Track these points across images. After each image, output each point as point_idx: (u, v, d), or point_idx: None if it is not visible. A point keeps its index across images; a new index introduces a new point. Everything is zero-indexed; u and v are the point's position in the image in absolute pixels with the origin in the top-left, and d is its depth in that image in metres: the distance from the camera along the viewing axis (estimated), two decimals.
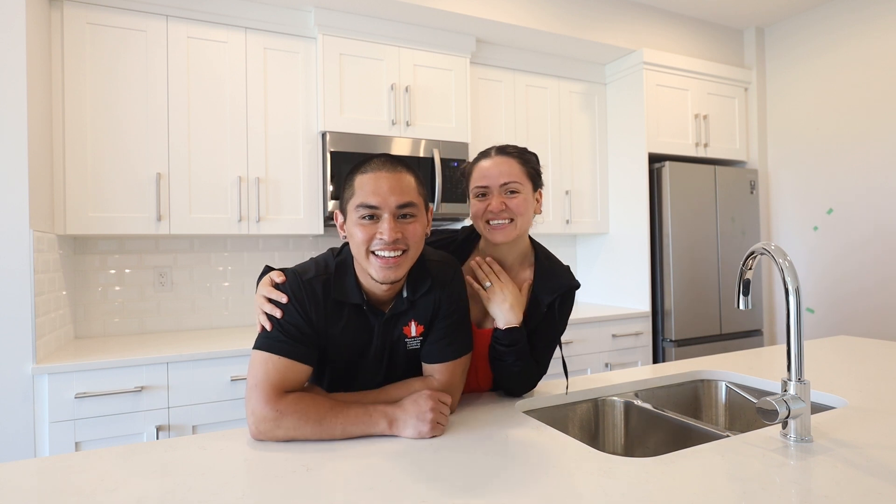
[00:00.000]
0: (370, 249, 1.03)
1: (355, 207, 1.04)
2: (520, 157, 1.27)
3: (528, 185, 1.26)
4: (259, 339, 1.05)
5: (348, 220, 1.07)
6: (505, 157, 1.27)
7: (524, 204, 1.24)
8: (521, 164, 1.26)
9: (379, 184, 1.03)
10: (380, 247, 1.03)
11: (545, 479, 0.84)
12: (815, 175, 3.37)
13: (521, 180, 1.25)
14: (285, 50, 2.54)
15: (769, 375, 1.47)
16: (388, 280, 1.05)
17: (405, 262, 1.06)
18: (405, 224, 1.05)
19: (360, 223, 1.03)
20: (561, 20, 2.97)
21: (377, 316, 1.11)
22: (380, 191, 1.02)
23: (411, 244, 1.05)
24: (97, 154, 2.20)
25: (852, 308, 3.20)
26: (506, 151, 1.28)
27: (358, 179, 1.05)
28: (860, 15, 3.16)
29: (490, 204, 1.23)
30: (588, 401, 1.37)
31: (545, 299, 1.24)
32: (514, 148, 1.29)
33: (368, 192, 1.03)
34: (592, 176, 3.38)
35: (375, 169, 1.05)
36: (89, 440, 1.89)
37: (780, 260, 0.99)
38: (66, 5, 2.16)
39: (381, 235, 1.02)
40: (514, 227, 1.24)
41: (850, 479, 0.81)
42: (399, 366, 1.17)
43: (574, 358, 2.88)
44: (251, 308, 2.73)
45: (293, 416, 0.99)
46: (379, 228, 1.03)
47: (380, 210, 1.03)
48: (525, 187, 1.25)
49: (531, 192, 1.27)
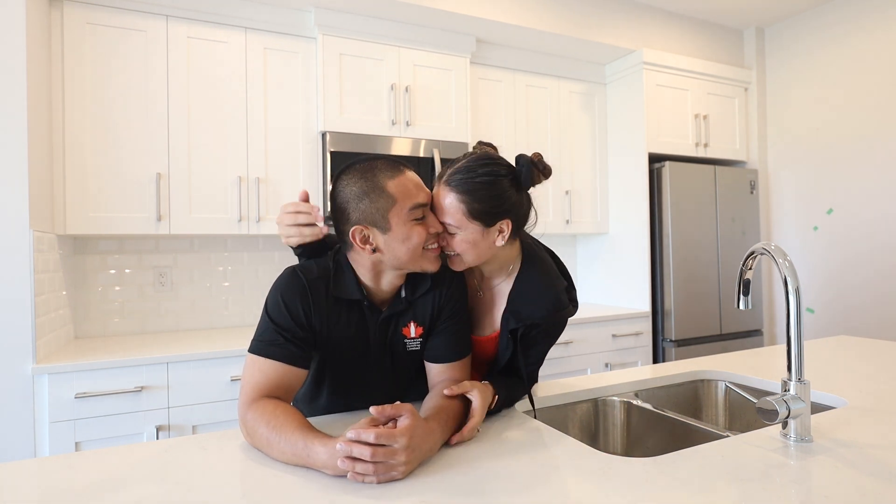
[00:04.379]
0: (426, 246, 1.06)
1: (409, 210, 1.02)
2: (463, 192, 1.04)
3: (472, 226, 1.05)
4: (252, 342, 1.05)
5: (396, 226, 1.02)
6: (445, 190, 1.06)
7: (462, 244, 1.08)
8: (460, 201, 1.04)
9: (416, 182, 1.05)
10: (432, 240, 1.07)
11: (545, 480, 0.84)
12: (815, 175, 3.37)
13: (458, 221, 1.05)
14: (285, 50, 2.54)
15: (769, 375, 1.47)
16: (437, 268, 1.09)
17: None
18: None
19: (418, 224, 1.04)
20: (561, 20, 2.97)
21: (375, 314, 1.11)
22: (421, 188, 1.05)
23: None
24: (97, 154, 2.20)
25: (852, 308, 3.20)
26: (450, 182, 1.06)
27: (392, 184, 1.02)
28: (860, 15, 3.16)
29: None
30: (588, 401, 1.37)
31: (510, 324, 1.12)
32: (461, 176, 1.05)
33: (414, 192, 1.03)
34: (592, 176, 3.38)
35: (401, 170, 1.05)
36: (89, 440, 1.89)
37: (780, 260, 0.99)
38: (66, 5, 2.16)
39: (434, 229, 1.06)
40: (462, 261, 1.10)
41: (850, 479, 0.81)
42: (403, 367, 1.16)
43: (574, 358, 2.88)
44: (251, 308, 2.74)
45: (255, 426, 0.95)
46: (430, 223, 1.05)
47: (426, 206, 1.06)
48: (467, 228, 1.06)
49: (480, 230, 1.06)
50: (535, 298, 1.11)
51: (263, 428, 0.93)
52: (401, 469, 0.83)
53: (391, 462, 0.82)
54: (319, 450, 0.85)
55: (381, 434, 0.82)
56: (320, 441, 0.86)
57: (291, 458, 0.89)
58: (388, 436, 0.82)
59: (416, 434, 0.86)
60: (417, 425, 0.87)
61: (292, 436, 0.89)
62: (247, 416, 0.97)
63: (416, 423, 0.88)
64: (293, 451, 0.88)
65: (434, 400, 1.05)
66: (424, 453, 0.89)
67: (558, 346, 2.75)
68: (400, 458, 0.83)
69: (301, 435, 0.89)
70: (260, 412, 0.95)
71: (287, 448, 0.89)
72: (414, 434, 0.86)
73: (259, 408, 0.96)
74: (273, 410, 0.95)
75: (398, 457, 0.83)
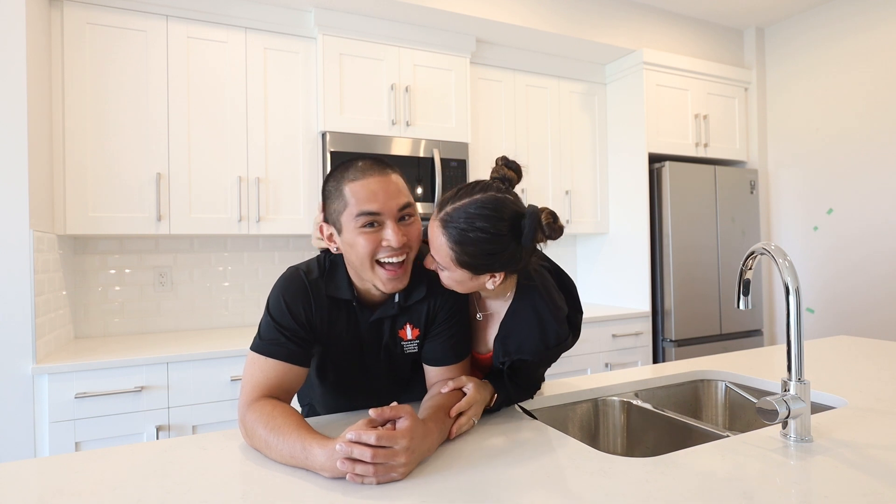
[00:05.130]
0: (376, 259, 1.00)
1: (355, 217, 0.98)
2: (454, 234, 0.95)
3: (459, 270, 0.99)
4: (254, 340, 1.06)
5: (346, 231, 1.00)
6: (438, 230, 0.98)
7: (448, 281, 1.03)
8: (450, 247, 0.96)
9: (373, 188, 0.98)
10: (387, 254, 0.99)
11: (545, 480, 0.84)
12: (815, 175, 3.37)
13: (446, 264, 0.99)
14: (285, 50, 2.54)
15: (769, 375, 1.47)
16: (396, 290, 1.03)
17: (409, 267, 1.04)
18: (406, 226, 1.02)
19: (362, 232, 0.98)
20: (561, 20, 2.96)
21: (365, 315, 1.10)
22: (378, 196, 0.97)
23: (413, 246, 1.04)
24: (97, 154, 2.20)
25: (852, 308, 3.20)
26: (445, 223, 0.96)
27: (349, 188, 0.99)
28: (860, 15, 3.15)
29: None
30: (588, 401, 1.37)
31: (499, 357, 1.08)
32: (458, 225, 0.95)
33: (365, 199, 0.97)
34: (592, 176, 3.38)
35: (366, 174, 0.99)
36: (89, 440, 1.89)
37: (780, 260, 0.99)
38: (66, 5, 2.16)
39: (388, 242, 0.98)
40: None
41: (850, 479, 0.81)
42: (402, 369, 1.16)
43: (574, 358, 2.88)
44: (251, 308, 2.74)
45: (254, 428, 0.95)
46: (384, 235, 0.98)
47: (382, 216, 0.98)
48: (454, 271, 0.99)
49: (468, 275, 0.99)
50: (527, 333, 1.05)
51: (262, 429, 0.93)
52: (400, 470, 0.83)
53: (391, 463, 0.82)
54: (317, 452, 0.85)
55: (382, 436, 0.82)
56: (318, 443, 0.86)
57: (289, 460, 0.89)
58: (389, 437, 0.82)
59: (416, 435, 0.86)
60: (416, 427, 0.88)
61: (290, 437, 0.89)
62: (246, 416, 0.97)
63: (416, 424, 0.88)
64: (291, 452, 0.88)
65: (431, 400, 1.05)
66: (423, 454, 0.89)
67: None
68: (400, 459, 0.83)
69: (299, 437, 0.89)
70: (258, 413, 0.96)
71: (285, 450, 0.89)
72: (414, 435, 0.86)
73: (258, 409, 0.97)
74: (271, 412, 0.95)
75: (398, 458, 0.82)
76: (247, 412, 0.98)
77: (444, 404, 1.02)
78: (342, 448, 0.82)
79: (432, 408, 1.00)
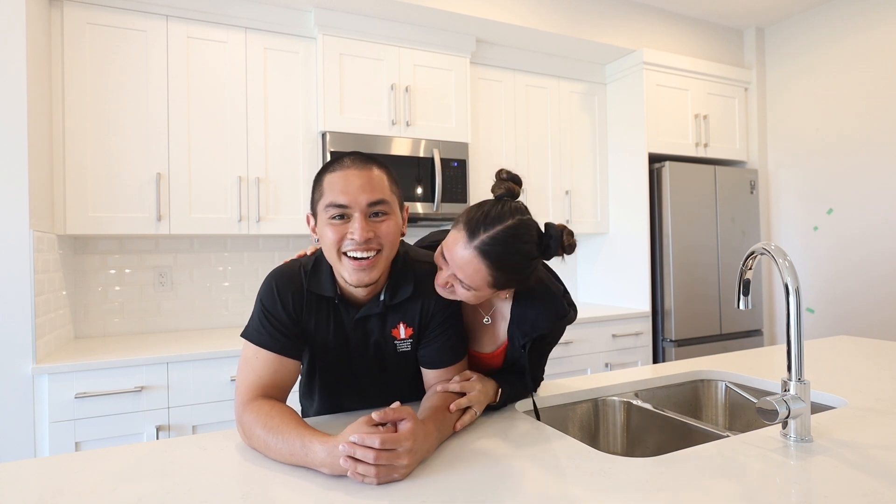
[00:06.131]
0: (342, 251, 1.00)
1: (325, 207, 1.00)
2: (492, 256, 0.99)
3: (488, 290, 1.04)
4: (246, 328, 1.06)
5: (319, 221, 1.03)
6: (476, 257, 1.00)
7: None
8: (488, 267, 1.00)
9: (348, 182, 0.98)
10: (351, 247, 0.99)
11: (545, 480, 0.84)
12: (815, 175, 3.37)
13: (479, 287, 1.03)
14: (285, 50, 2.54)
15: (769, 375, 1.47)
16: (361, 283, 1.01)
17: (379, 263, 1.02)
18: (377, 223, 1.00)
19: (330, 223, 0.99)
20: (561, 20, 2.97)
21: (350, 312, 1.10)
22: (349, 189, 0.98)
23: (385, 244, 1.02)
24: (97, 154, 2.20)
25: (852, 308, 3.20)
26: (484, 252, 0.99)
27: (327, 179, 1.01)
28: (860, 15, 3.15)
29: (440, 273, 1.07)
30: (588, 401, 1.37)
31: (518, 340, 1.14)
32: (498, 249, 0.99)
33: (338, 190, 0.98)
34: (592, 176, 3.38)
35: (344, 167, 1.01)
36: (89, 440, 1.89)
37: (780, 260, 0.99)
38: (66, 5, 2.16)
39: (351, 235, 0.98)
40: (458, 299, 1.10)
41: (850, 479, 0.81)
42: (395, 369, 1.15)
43: (574, 358, 2.88)
44: (251, 308, 2.74)
45: (252, 428, 0.95)
46: (350, 228, 0.98)
47: (350, 209, 0.98)
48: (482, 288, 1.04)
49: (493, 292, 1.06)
50: (537, 311, 1.11)
51: (260, 430, 0.93)
52: (402, 471, 0.84)
53: (394, 465, 0.82)
54: (318, 448, 0.85)
55: (387, 440, 0.82)
56: (319, 440, 0.87)
57: (289, 458, 0.89)
58: (393, 440, 0.83)
59: (418, 437, 0.87)
60: (418, 428, 0.88)
61: (289, 436, 0.89)
62: (243, 417, 0.97)
63: (417, 426, 0.88)
64: (290, 450, 0.88)
65: (430, 400, 1.05)
66: (423, 455, 0.89)
67: (559, 346, 2.75)
68: (403, 461, 0.83)
69: (298, 434, 0.89)
70: (256, 413, 0.96)
71: (284, 448, 0.89)
72: (416, 437, 0.86)
73: (255, 409, 0.97)
74: (269, 412, 0.95)
75: (401, 460, 0.83)
76: (244, 413, 0.98)
77: (443, 405, 1.03)
78: (345, 448, 0.82)
79: (431, 408, 1.01)
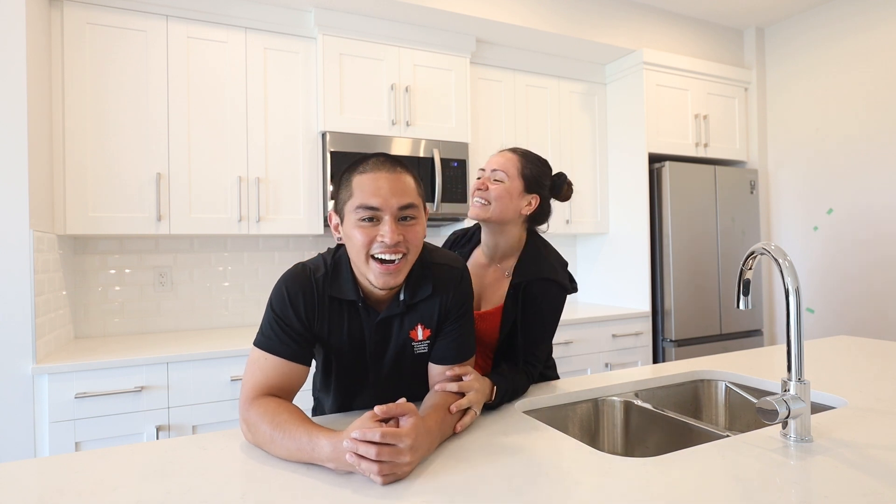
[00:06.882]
0: (370, 253, 1.00)
1: (354, 209, 0.99)
2: (523, 157, 1.37)
3: (516, 181, 1.34)
4: (256, 335, 1.06)
5: (346, 222, 1.03)
6: (509, 151, 1.38)
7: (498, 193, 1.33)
8: (519, 162, 1.36)
9: (379, 184, 0.99)
10: (380, 250, 0.99)
11: (545, 480, 0.84)
12: (815, 175, 3.37)
13: (510, 172, 1.34)
14: (285, 50, 2.54)
15: (769, 375, 1.47)
16: (387, 286, 1.02)
17: (405, 267, 1.03)
18: (406, 226, 1.01)
19: (360, 225, 0.99)
20: (561, 20, 2.97)
21: (371, 315, 1.10)
22: (380, 191, 0.99)
23: (411, 247, 1.02)
24: (97, 154, 2.20)
25: (852, 308, 3.20)
26: (515, 149, 1.38)
27: (356, 179, 1.01)
28: (860, 15, 3.15)
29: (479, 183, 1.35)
30: (588, 401, 1.37)
31: (514, 279, 1.28)
32: (524, 150, 1.38)
33: (368, 192, 0.99)
34: (592, 176, 3.38)
35: (375, 169, 1.01)
36: (89, 440, 1.89)
37: (780, 260, 0.99)
38: (66, 5, 2.16)
39: (382, 238, 0.98)
40: (488, 211, 1.32)
41: (850, 479, 0.81)
42: (411, 371, 1.15)
43: (574, 358, 2.88)
44: (251, 308, 2.74)
45: (257, 424, 0.95)
46: (380, 231, 0.99)
47: (381, 212, 0.99)
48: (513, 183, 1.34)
49: (519, 189, 1.34)
50: (539, 261, 1.30)
51: (266, 426, 0.93)
52: (405, 469, 0.84)
53: (396, 461, 0.83)
54: (324, 443, 0.86)
55: (387, 433, 0.82)
56: (325, 435, 0.87)
57: (295, 454, 0.89)
58: (394, 435, 0.83)
59: (419, 434, 0.87)
60: (420, 426, 0.88)
61: (296, 432, 0.90)
62: (248, 413, 0.97)
63: (419, 423, 0.88)
64: (297, 446, 0.88)
65: (431, 399, 1.05)
66: (424, 453, 0.90)
67: (559, 346, 2.75)
68: (404, 458, 0.83)
69: (305, 430, 0.89)
70: (262, 410, 0.96)
71: (290, 444, 0.89)
72: (417, 434, 0.86)
73: (261, 406, 0.97)
74: (276, 408, 0.96)
75: (403, 457, 0.83)
76: (249, 409, 0.98)
77: (445, 403, 1.03)
78: (349, 444, 0.82)
79: (433, 407, 1.01)
